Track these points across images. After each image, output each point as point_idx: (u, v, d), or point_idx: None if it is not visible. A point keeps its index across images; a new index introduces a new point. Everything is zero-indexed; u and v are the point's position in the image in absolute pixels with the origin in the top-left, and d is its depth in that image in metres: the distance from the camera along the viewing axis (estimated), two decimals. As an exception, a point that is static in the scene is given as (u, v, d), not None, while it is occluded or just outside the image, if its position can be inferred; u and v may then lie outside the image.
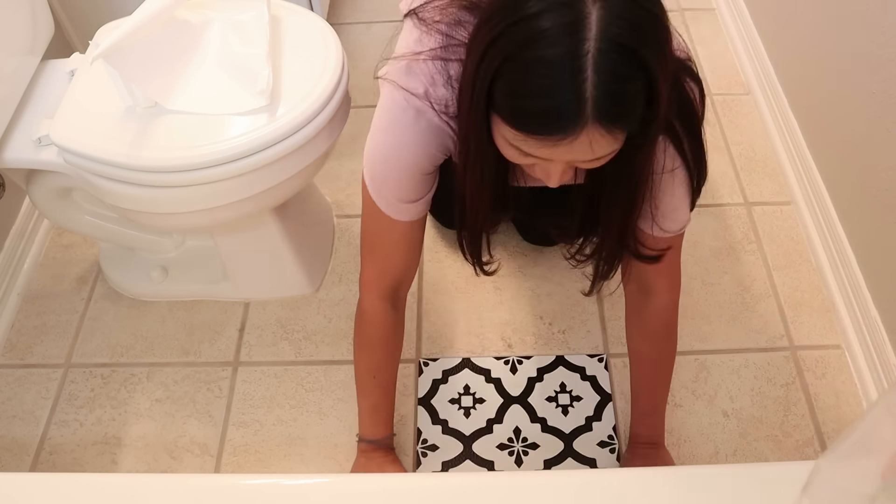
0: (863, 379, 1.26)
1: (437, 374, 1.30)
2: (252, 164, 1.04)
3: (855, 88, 1.29)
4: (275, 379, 1.31)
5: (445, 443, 1.22)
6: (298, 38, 1.14)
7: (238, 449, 1.23)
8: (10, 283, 1.44)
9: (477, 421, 1.24)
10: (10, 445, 1.25)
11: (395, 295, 1.02)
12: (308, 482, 0.73)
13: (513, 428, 1.23)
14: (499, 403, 1.26)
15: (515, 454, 1.21)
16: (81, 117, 1.08)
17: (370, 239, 0.96)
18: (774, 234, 1.49)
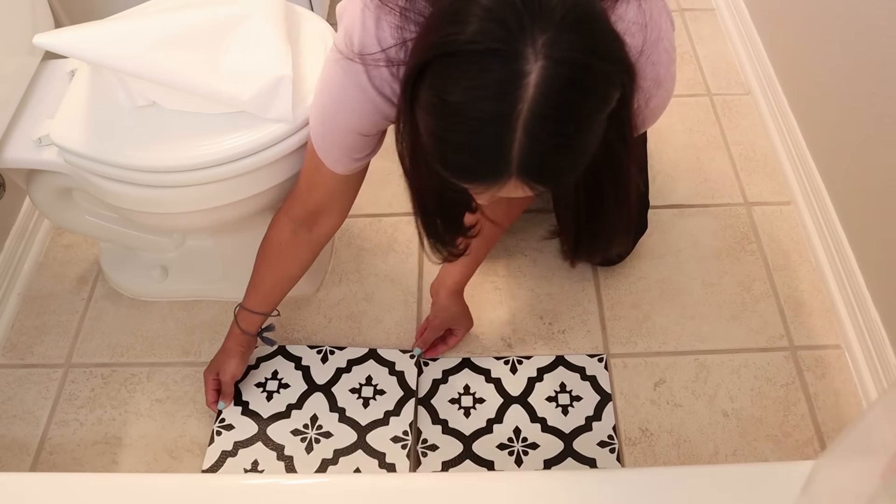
0: (863, 379, 1.26)
1: (437, 374, 1.30)
2: (252, 164, 1.04)
3: (855, 88, 1.29)
4: (275, 379, 1.31)
5: (445, 443, 1.22)
6: (298, 37, 1.14)
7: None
8: (11, 283, 1.44)
9: (477, 421, 1.24)
10: (10, 445, 1.25)
11: (309, 221, 1.06)
12: (308, 482, 0.73)
13: (513, 428, 1.23)
14: (499, 403, 1.26)
15: (515, 454, 1.21)
16: (81, 117, 1.08)
17: (304, 167, 1.00)
18: (774, 234, 1.49)
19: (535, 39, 0.58)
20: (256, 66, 1.01)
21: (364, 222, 1.52)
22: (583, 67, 0.60)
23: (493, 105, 0.59)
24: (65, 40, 0.97)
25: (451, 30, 0.60)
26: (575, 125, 0.61)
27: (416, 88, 0.64)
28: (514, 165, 0.61)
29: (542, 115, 0.59)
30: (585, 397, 1.27)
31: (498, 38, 0.58)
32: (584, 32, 0.60)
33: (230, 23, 1.03)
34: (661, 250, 1.47)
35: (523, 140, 0.60)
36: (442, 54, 0.61)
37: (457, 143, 0.62)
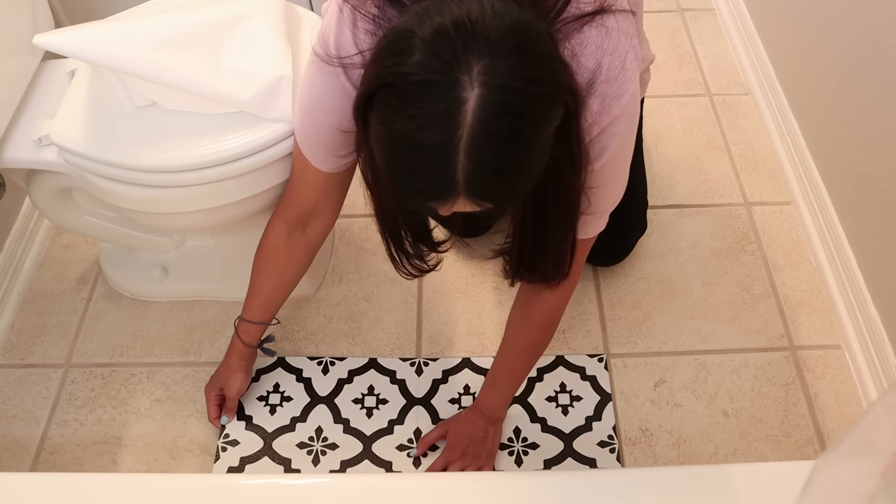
0: (862, 379, 1.26)
1: (437, 374, 1.30)
2: (252, 164, 1.04)
3: (855, 89, 1.29)
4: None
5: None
6: (298, 37, 1.14)
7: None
8: (11, 283, 1.44)
9: (477, 421, 1.24)
10: (10, 445, 1.25)
11: (298, 226, 1.07)
12: (308, 482, 0.73)
13: (512, 428, 1.23)
14: (499, 403, 1.26)
15: (515, 454, 1.21)
16: (81, 117, 1.08)
17: (293, 168, 1.01)
18: (774, 234, 1.49)
19: (471, 67, 0.61)
20: (256, 66, 1.01)
21: (364, 222, 1.52)
22: (518, 93, 0.62)
23: (435, 133, 0.62)
24: (65, 40, 0.97)
25: (393, 62, 0.63)
26: (515, 148, 0.64)
27: (367, 116, 0.68)
28: (461, 186, 0.64)
29: (481, 140, 0.62)
30: (585, 397, 1.27)
31: (435, 70, 0.61)
32: (521, 58, 0.62)
33: (230, 23, 1.03)
34: (661, 250, 1.47)
35: (466, 163, 0.63)
36: (385, 85, 0.64)
37: (404, 169, 0.66)
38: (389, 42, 0.65)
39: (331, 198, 1.04)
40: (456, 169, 0.63)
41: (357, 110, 0.69)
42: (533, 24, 0.65)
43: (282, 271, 1.12)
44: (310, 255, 1.13)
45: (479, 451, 1.16)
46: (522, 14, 0.64)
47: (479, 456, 1.16)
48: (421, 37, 0.62)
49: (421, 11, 0.64)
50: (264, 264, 1.11)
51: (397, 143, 0.65)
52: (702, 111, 1.72)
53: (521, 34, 0.63)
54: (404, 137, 0.64)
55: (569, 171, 0.76)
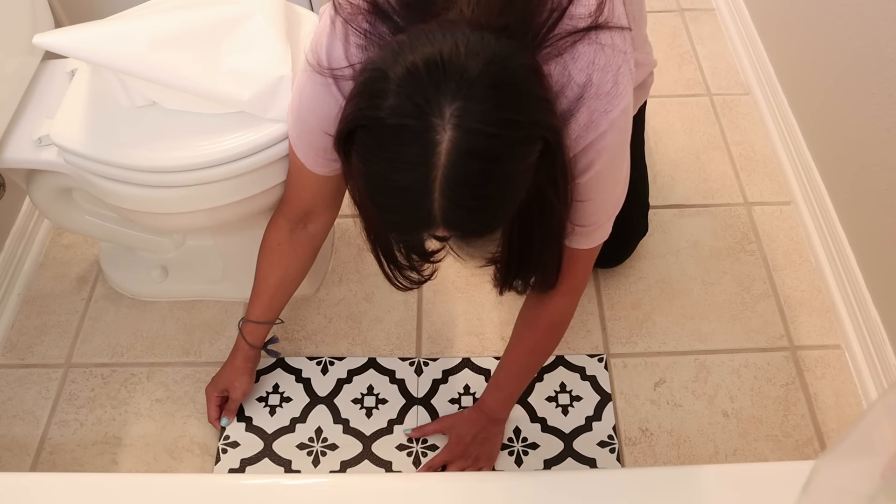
0: (862, 379, 1.26)
1: (437, 374, 1.30)
2: (252, 164, 1.04)
3: (855, 89, 1.29)
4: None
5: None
6: (298, 37, 1.14)
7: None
8: (11, 283, 1.44)
9: (477, 421, 1.24)
10: (10, 445, 1.25)
11: (299, 223, 1.08)
12: (308, 482, 0.73)
13: (512, 428, 1.23)
14: (499, 403, 1.26)
15: (515, 454, 1.21)
16: (81, 117, 1.08)
17: (290, 170, 1.03)
18: (774, 234, 1.49)
19: (443, 110, 0.61)
20: (256, 67, 1.01)
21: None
22: (491, 137, 0.63)
23: (410, 174, 0.64)
24: (65, 40, 0.97)
25: (367, 104, 0.64)
26: (489, 187, 0.65)
27: (347, 151, 0.69)
28: (438, 220, 0.66)
29: (455, 181, 0.63)
30: (585, 397, 1.27)
31: (408, 114, 0.62)
32: (494, 101, 0.62)
33: (230, 23, 1.03)
34: (661, 250, 1.47)
35: (442, 202, 0.64)
36: (362, 126, 0.65)
37: (383, 205, 0.68)
38: (365, 82, 0.66)
39: (328, 198, 1.05)
40: (433, 207, 0.65)
41: (337, 145, 0.70)
42: (510, 60, 0.65)
43: (286, 268, 1.12)
44: (313, 252, 1.13)
45: (479, 451, 1.16)
46: (500, 49, 0.64)
47: (479, 457, 1.16)
48: (394, 78, 0.63)
49: (396, 48, 0.65)
50: (268, 262, 1.12)
51: (375, 182, 0.67)
52: (702, 111, 1.72)
53: (497, 73, 0.63)
54: (381, 178, 0.66)
55: (552, 198, 0.77)
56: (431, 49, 0.63)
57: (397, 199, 0.66)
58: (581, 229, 0.89)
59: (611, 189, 0.87)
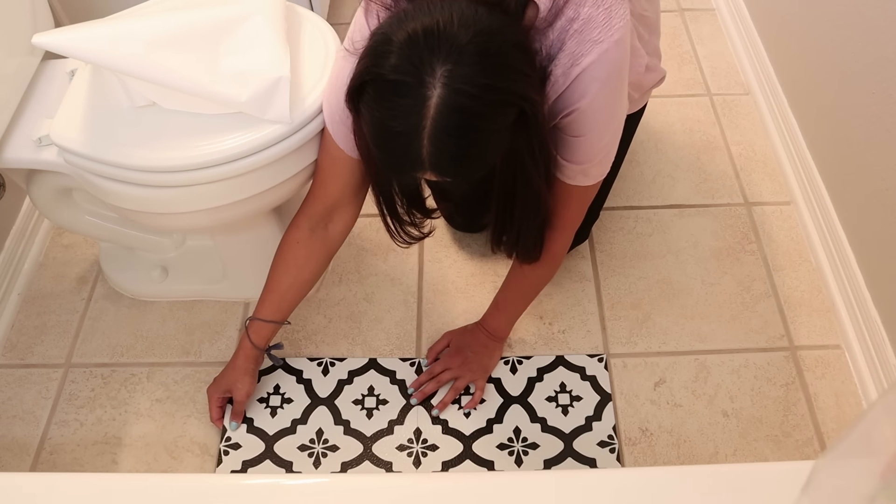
0: (863, 379, 1.26)
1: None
2: (252, 163, 1.04)
3: (855, 89, 1.29)
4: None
5: (445, 443, 1.22)
6: (298, 37, 1.14)
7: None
8: (11, 283, 1.44)
9: (477, 421, 1.24)
10: (10, 445, 1.25)
11: (321, 222, 1.12)
12: (308, 482, 0.73)
13: (513, 428, 1.24)
14: (499, 403, 1.26)
15: (515, 454, 1.21)
16: (81, 117, 1.08)
17: (317, 166, 1.09)
18: (774, 234, 1.49)
19: (435, 70, 0.73)
20: (255, 67, 1.01)
21: (364, 222, 1.52)
22: (472, 97, 0.74)
23: (404, 122, 0.75)
24: (64, 40, 0.97)
25: (374, 62, 0.76)
26: (470, 138, 0.76)
27: (357, 103, 0.81)
28: (427, 164, 0.78)
29: (440, 130, 0.75)
30: (585, 397, 1.27)
31: (405, 72, 0.74)
32: (479, 66, 0.73)
33: (230, 23, 1.03)
34: (661, 250, 1.47)
35: (429, 147, 0.76)
36: (369, 80, 0.77)
37: (382, 147, 0.80)
38: (373, 44, 0.77)
39: (354, 190, 1.08)
40: (421, 151, 0.76)
41: (349, 98, 0.82)
42: (498, 34, 0.75)
43: (300, 267, 1.14)
44: (328, 255, 1.16)
45: (475, 362, 1.25)
46: (491, 23, 0.75)
47: (474, 368, 1.25)
48: (396, 42, 0.74)
49: (402, 16, 0.77)
50: (283, 260, 1.14)
51: (377, 128, 0.79)
52: (702, 111, 1.72)
53: (484, 44, 0.74)
54: (381, 124, 0.78)
55: (530, 166, 0.88)
56: (430, 19, 0.74)
57: (393, 143, 0.78)
58: (576, 166, 0.96)
59: (604, 124, 0.92)
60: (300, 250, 1.13)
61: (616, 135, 0.96)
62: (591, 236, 1.48)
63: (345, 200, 1.09)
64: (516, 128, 0.80)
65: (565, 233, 1.08)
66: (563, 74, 0.85)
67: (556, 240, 1.07)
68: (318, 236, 1.12)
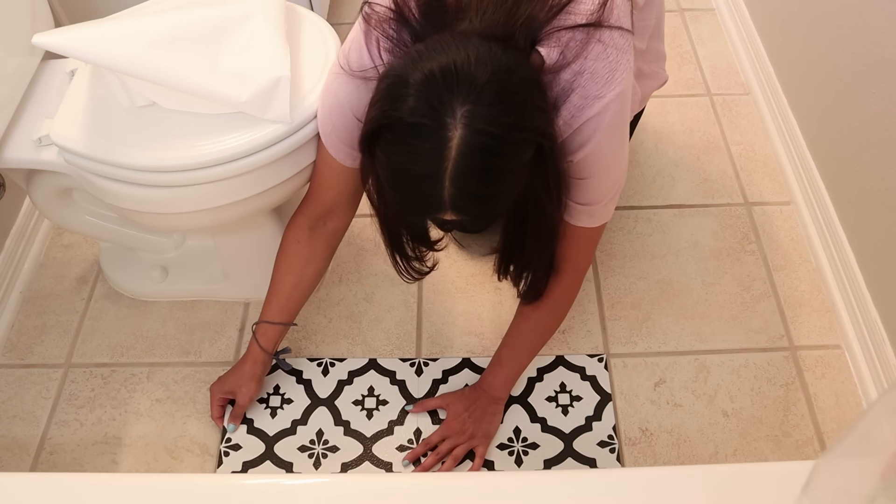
0: (863, 379, 1.26)
1: (437, 374, 1.30)
2: (252, 163, 1.04)
3: (855, 89, 1.29)
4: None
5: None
6: (298, 37, 1.14)
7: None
8: (11, 283, 1.44)
9: (477, 421, 1.24)
10: (10, 445, 1.25)
11: (323, 218, 1.12)
12: (308, 482, 0.73)
13: (512, 428, 1.23)
14: (499, 403, 1.26)
15: (515, 454, 1.21)
16: (81, 117, 1.08)
17: (314, 171, 1.09)
18: (774, 234, 1.49)
19: (455, 111, 0.72)
20: (255, 67, 1.01)
21: (364, 222, 1.52)
22: (494, 137, 0.73)
23: (425, 166, 0.74)
24: (64, 40, 0.97)
25: (390, 106, 0.75)
26: (491, 178, 0.75)
27: (371, 147, 0.79)
28: (447, 206, 0.77)
29: (463, 171, 0.74)
30: (585, 397, 1.27)
31: (425, 114, 0.72)
32: (499, 106, 0.72)
33: (230, 23, 1.03)
34: (661, 250, 1.47)
35: (451, 189, 0.75)
36: (385, 125, 0.76)
37: (402, 191, 0.79)
38: (388, 87, 0.76)
39: (351, 194, 1.09)
40: (443, 193, 0.75)
41: (363, 143, 0.81)
42: (515, 71, 0.75)
43: (303, 266, 1.14)
44: (329, 252, 1.16)
45: (475, 429, 1.18)
46: (506, 60, 0.74)
47: (475, 434, 1.18)
48: (413, 84, 0.73)
49: (415, 56, 0.75)
50: (286, 261, 1.14)
51: (396, 172, 0.77)
52: (702, 111, 1.72)
53: (502, 82, 0.73)
54: (401, 168, 0.76)
55: (545, 199, 0.87)
56: (446, 59, 0.73)
57: (413, 186, 0.77)
58: (583, 207, 0.96)
59: (607, 168, 0.93)
60: (302, 249, 1.13)
61: (621, 177, 0.96)
62: (591, 236, 1.48)
63: (341, 204, 1.10)
64: (534, 163, 0.79)
65: (573, 277, 1.06)
66: (565, 123, 0.85)
67: (564, 284, 1.05)
68: (317, 234, 1.12)
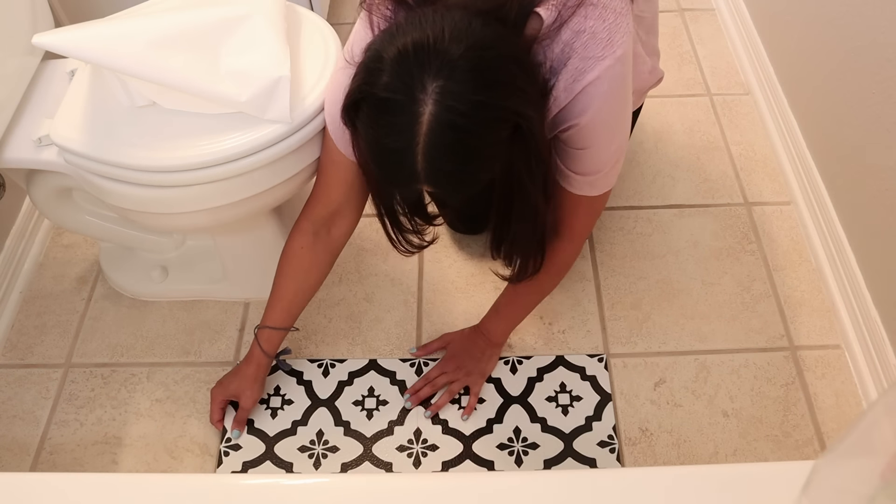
0: (863, 379, 1.26)
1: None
2: (252, 163, 1.04)
3: (855, 89, 1.29)
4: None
5: (445, 443, 1.22)
6: (298, 37, 1.14)
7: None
8: (11, 283, 1.44)
9: (477, 421, 1.24)
10: (10, 445, 1.25)
11: (328, 222, 1.11)
12: (308, 482, 0.73)
13: (513, 428, 1.24)
14: (499, 403, 1.26)
15: (515, 454, 1.21)
16: (81, 117, 1.08)
17: (319, 170, 1.10)
18: (774, 234, 1.49)
19: (426, 87, 0.72)
20: (255, 67, 1.01)
21: (364, 222, 1.51)
22: (463, 115, 0.73)
23: (397, 139, 0.75)
24: (64, 40, 0.97)
25: (366, 80, 0.76)
26: (461, 155, 0.76)
27: (353, 119, 0.81)
28: (422, 178, 0.77)
29: (433, 146, 0.74)
30: (585, 397, 1.27)
31: (397, 90, 0.73)
32: (471, 83, 0.72)
33: (230, 23, 1.03)
34: (661, 250, 1.47)
35: (423, 163, 0.75)
36: (361, 98, 0.77)
37: (378, 163, 0.81)
38: (365, 62, 0.77)
39: (356, 195, 1.08)
40: (416, 167, 0.76)
41: (345, 115, 0.82)
42: (492, 48, 0.74)
43: (306, 272, 1.14)
44: (332, 258, 1.16)
45: (472, 366, 1.25)
46: (484, 35, 0.74)
47: (472, 371, 1.25)
48: (387, 59, 0.74)
49: (393, 31, 0.76)
50: (289, 266, 1.14)
51: (372, 145, 0.79)
52: (702, 111, 1.72)
53: (476, 59, 0.72)
54: (375, 141, 0.78)
55: (526, 181, 0.87)
56: (421, 33, 0.73)
57: (388, 159, 0.78)
58: (582, 177, 0.95)
59: (608, 137, 0.91)
60: (304, 256, 1.12)
61: (622, 146, 0.95)
62: (592, 236, 1.48)
63: (347, 204, 1.09)
64: (512, 143, 0.79)
65: (572, 243, 1.07)
66: (565, 90, 0.84)
67: (563, 249, 1.06)
68: (321, 240, 1.12)
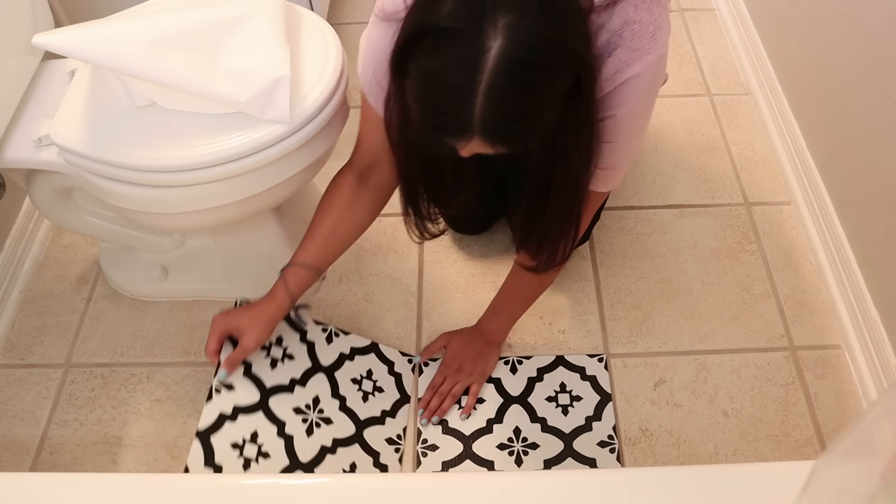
0: (863, 379, 1.26)
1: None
2: (252, 164, 1.04)
3: (855, 89, 1.29)
4: (275, 379, 1.31)
5: (445, 443, 1.22)
6: (298, 37, 1.14)
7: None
8: (11, 283, 1.44)
9: (477, 421, 1.24)
10: (10, 445, 1.25)
11: (366, 172, 1.08)
12: (308, 482, 0.73)
13: (513, 428, 1.24)
14: (499, 403, 1.26)
15: (515, 454, 1.21)
16: (81, 117, 1.08)
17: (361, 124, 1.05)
18: (774, 234, 1.49)
19: (497, 20, 0.67)
20: (255, 67, 1.01)
21: (364, 222, 1.52)
22: (535, 51, 0.68)
23: (460, 74, 0.69)
24: (64, 40, 0.97)
25: (429, 11, 0.70)
26: (527, 98, 0.70)
27: (401, 62, 0.74)
28: (476, 126, 0.71)
29: (498, 85, 0.68)
30: (585, 397, 1.27)
31: (464, 19, 0.68)
32: (543, 19, 0.68)
33: (230, 23, 1.03)
34: (661, 250, 1.47)
35: (483, 105, 0.69)
36: (422, 32, 0.71)
37: (432, 105, 0.73)
38: None
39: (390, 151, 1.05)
40: (474, 109, 0.69)
41: (394, 57, 0.76)
42: None
43: (344, 211, 1.08)
44: (371, 205, 1.11)
45: (472, 368, 1.26)
46: None
47: (472, 373, 1.26)
48: None
49: None
50: (326, 203, 1.09)
51: (427, 82, 0.72)
52: (702, 111, 1.72)
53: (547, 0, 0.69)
54: (433, 76, 0.71)
55: (572, 147, 0.83)
56: None
57: (444, 97, 0.71)
58: (601, 171, 0.94)
59: (633, 133, 0.92)
60: (344, 192, 1.08)
61: (640, 145, 0.96)
62: (592, 236, 1.48)
63: (384, 156, 1.03)
64: (568, 99, 0.75)
65: (578, 234, 1.06)
66: (607, 79, 0.83)
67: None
68: (363, 183, 1.08)
